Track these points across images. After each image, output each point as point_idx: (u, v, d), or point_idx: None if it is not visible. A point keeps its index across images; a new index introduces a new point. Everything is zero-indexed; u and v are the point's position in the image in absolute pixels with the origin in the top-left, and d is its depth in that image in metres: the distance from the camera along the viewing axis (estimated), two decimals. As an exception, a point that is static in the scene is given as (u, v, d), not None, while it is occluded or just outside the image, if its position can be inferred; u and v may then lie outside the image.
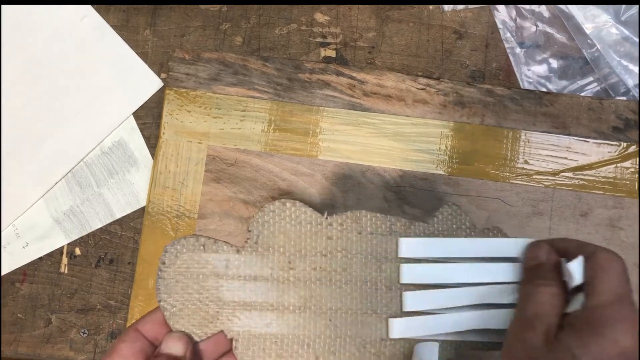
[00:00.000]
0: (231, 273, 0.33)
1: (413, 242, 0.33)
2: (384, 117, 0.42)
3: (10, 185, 0.44)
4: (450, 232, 0.34)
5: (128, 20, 0.45)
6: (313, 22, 0.45)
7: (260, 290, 0.33)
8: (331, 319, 0.33)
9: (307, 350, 0.32)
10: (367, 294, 0.33)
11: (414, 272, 0.33)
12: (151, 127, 0.44)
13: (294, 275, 0.33)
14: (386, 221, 0.34)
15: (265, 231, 0.33)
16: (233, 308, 0.33)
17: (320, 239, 0.33)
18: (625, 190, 0.42)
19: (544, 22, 0.44)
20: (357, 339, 0.33)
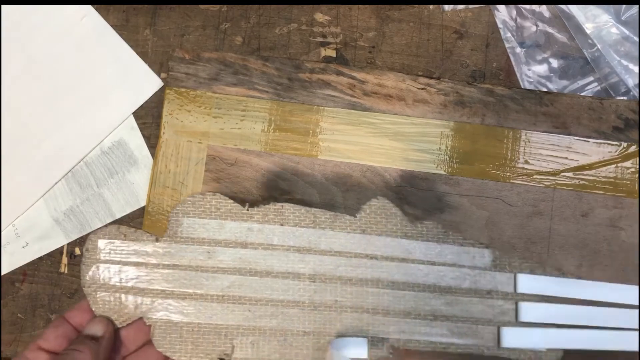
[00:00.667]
0: (150, 262, 0.33)
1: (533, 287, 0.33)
2: (384, 117, 0.42)
3: (10, 185, 0.44)
4: (380, 226, 0.33)
5: (128, 20, 0.45)
6: (313, 22, 0.45)
7: (178, 278, 0.33)
8: (250, 310, 0.33)
9: (224, 340, 0.33)
10: (289, 286, 0.33)
11: (533, 311, 0.32)
12: (151, 127, 0.44)
13: (213, 266, 0.33)
14: (310, 214, 0.33)
15: (185, 222, 0.33)
16: (153, 296, 0.33)
17: (241, 231, 0.33)
18: (625, 190, 0.42)
19: (545, 22, 0.44)
20: (277, 331, 0.32)
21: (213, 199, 0.34)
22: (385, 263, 0.33)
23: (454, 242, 0.33)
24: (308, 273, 0.33)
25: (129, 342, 0.34)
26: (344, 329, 0.32)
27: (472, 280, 0.33)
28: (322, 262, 0.33)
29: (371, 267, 0.33)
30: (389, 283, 0.33)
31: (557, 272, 0.36)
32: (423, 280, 0.33)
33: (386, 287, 0.33)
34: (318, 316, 0.33)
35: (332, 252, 0.33)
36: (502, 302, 0.32)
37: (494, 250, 0.33)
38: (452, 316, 0.32)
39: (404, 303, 0.32)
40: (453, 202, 0.42)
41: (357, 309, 0.32)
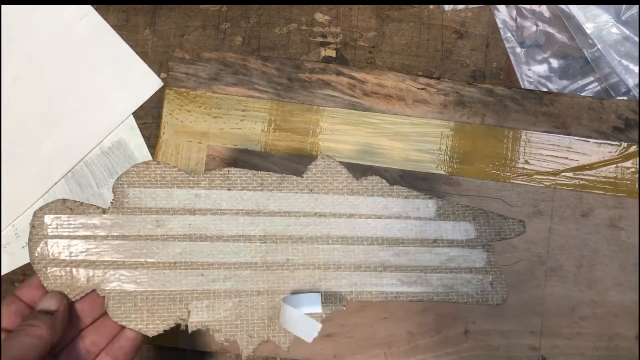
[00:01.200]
0: (99, 234, 0.33)
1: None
2: (384, 117, 0.42)
3: (10, 185, 0.44)
4: (326, 184, 0.33)
5: (128, 20, 0.45)
6: (313, 22, 0.45)
7: (129, 249, 0.33)
8: (203, 274, 0.33)
9: (179, 306, 0.33)
10: (241, 248, 0.33)
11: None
12: (151, 127, 0.44)
13: (162, 234, 0.33)
14: (257, 177, 0.33)
15: (130, 192, 0.33)
16: (104, 268, 0.33)
17: (189, 197, 0.33)
18: (625, 190, 0.42)
19: (545, 22, 0.44)
20: (232, 293, 0.33)
21: (157, 168, 0.33)
22: (334, 219, 0.33)
23: (398, 195, 0.34)
24: (259, 235, 0.33)
25: (84, 315, 0.34)
26: (297, 286, 0.33)
27: (418, 230, 0.33)
28: (272, 222, 0.33)
29: (320, 225, 0.33)
30: (338, 238, 0.33)
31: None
32: (371, 234, 0.33)
33: (336, 243, 0.33)
34: (271, 275, 0.33)
35: (281, 212, 0.33)
36: (448, 249, 0.33)
37: (438, 200, 0.34)
38: (401, 266, 0.33)
39: (354, 257, 0.33)
40: (453, 202, 0.42)
41: (309, 265, 0.33)
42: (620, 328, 0.41)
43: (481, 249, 0.34)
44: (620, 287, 0.41)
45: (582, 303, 0.41)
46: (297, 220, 0.33)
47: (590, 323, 0.41)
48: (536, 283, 0.41)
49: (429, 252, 0.33)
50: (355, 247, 0.33)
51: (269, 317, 0.33)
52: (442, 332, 0.41)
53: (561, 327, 0.41)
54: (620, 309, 0.41)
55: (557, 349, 0.41)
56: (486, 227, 0.34)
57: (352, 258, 0.33)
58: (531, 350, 0.41)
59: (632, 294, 0.41)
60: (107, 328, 0.34)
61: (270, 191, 0.34)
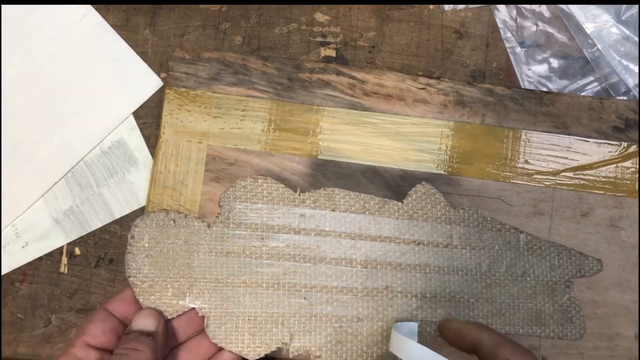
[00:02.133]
0: (202, 249, 0.32)
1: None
2: (384, 117, 0.42)
3: (10, 185, 0.44)
4: (425, 211, 0.34)
5: (128, 20, 0.45)
6: (313, 22, 0.45)
7: (232, 266, 0.32)
8: (306, 297, 0.32)
9: (281, 329, 0.32)
10: (342, 272, 0.33)
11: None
12: (151, 127, 0.44)
13: (267, 252, 0.32)
14: (359, 199, 0.34)
15: (237, 207, 0.33)
16: (205, 284, 0.32)
17: (294, 216, 0.33)
18: (625, 190, 0.42)
19: (545, 22, 0.44)
20: (332, 317, 0.32)
21: (264, 183, 0.33)
22: (432, 248, 0.33)
23: (492, 227, 0.34)
24: (360, 259, 0.33)
25: (180, 334, 0.32)
26: (396, 314, 0.32)
27: (509, 263, 0.34)
28: (373, 247, 0.33)
29: (419, 253, 0.33)
30: (435, 267, 0.33)
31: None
32: (466, 265, 0.33)
33: (432, 272, 0.33)
34: (370, 302, 0.33)
35: (382, 237, 0.33)
36: (534, 283, 0.33)
37: (527, 234, 0.34)
38: (491, 298, 0.33)
39: (449, 287, 0.33)
40: (453, 202, 0.42)
41: (407, 293, 0.33)
42: (620, 328, 0.41)
43: (564, 285, 0.34)
44: (620, 287, 0.41)
45: (582, 303, 0.41)
46: (396, 246, 0.33)
47: (590, 323, 0.41)
48: (536, 283, 0.41)
49: (517, 286, 0.34)
50: (451, 277, 0.33)
51: (367, 344, 0.32)
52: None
53: (561, 327, 0.41)
54: (620, 309, 0.41)
55: (557, 349, 0.41)
56: (568, 264, 0.34)
57: (447, 288, 0.33)
58: (531, 350, 0.41)
59: (632, 294, 0.41)
60: (203, 349, 0.32)
61: (372, 215, 0.34)
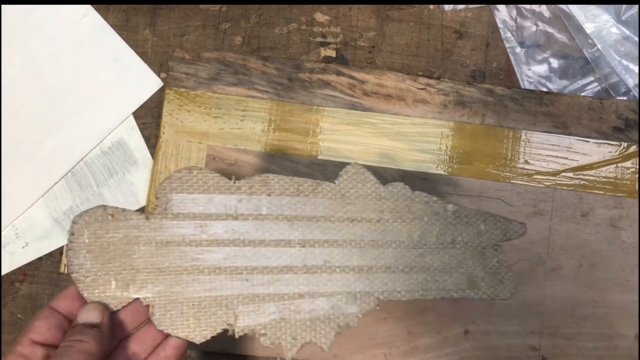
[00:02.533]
0: (142, 240, 0.33)
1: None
2: (384, 117, 0.42)
3: (10, 185, 0.44)
4: (356, 189, 0.35)
5: (128, 20, 0.45)
6: (313, 22, 0.45)
7: (173, 255, 0.33)
8: (247, 279, 0.34)
9: (225, 311, 0.33)
10: (282, 252, 0.34)
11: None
12: (151, 127, 0.44)
13: (206, 239, 0.33)
14: (293, 183, 0.35)
15: (174, 198, 0.33)
16: (147, 274, 0.33)
17: (230, 203, 0.34)
18: (625, 190, 0.42)
19: (545, 22, 0.44)
20: (275, 296, 0.34)
21: (200, 174, 0.34)
22: (365, 223, 0.35)
23: (420, 200, 0.36)
24: (297, 239, 0.34)
25: (125, 325, 0.33)
26: (335, 288, 0.34)
27: (438, 232, 0.36)
28: (310, 227, 0.34)
29: (353, 228, 0.35)
30: (370, 241, 0.35)
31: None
32: (398, 237, 0.35)
33: (367, 246, 0.35)
34: (311, 278, 0.34)
35: (317, 217, 0.35)
36: (464, 249, 0.36)
37: (454, 205, 0.36)
38: (425, 266, 0.35)
39: (384, 259, 0.35)
40: (453, 202, 0.42)
41: (345, 268, 0.34)
42: (620, 328, 0.41)
43: (492, 250, 0.36)
44: (620, 287, 0.41)
45: (582, 303, 0.41)
46: (332, 224, 0.35)
47: (590, 323, 0.41)
48: (536, 283, 0.41)
49: (447, 253, 0.35)
50: (385, 249, 0.35)
51: (310, 318, 0.34)
52: (442, 332, 0.41)
53: (561, 327, 0.41)
54: (620, 309, 0.41)
55: (557, 349, 0.41)
56: (494, 229, 0.36)
57: (382, 260, 0.35)
58: (531, 350, 0.41)
59: (632, 294, 0.41)
60: (151, 337, 0.33)
61: (306, 196, 0.35)
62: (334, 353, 0.41)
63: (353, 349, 0.41)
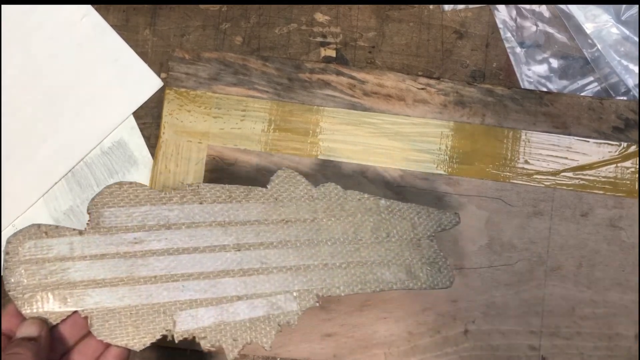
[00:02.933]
0: (77, 255, 0.34)
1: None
2: (384, 117, 0.42)
3: (10, 185, 0.44)
4: (289, 192, 0.36)
5: (128, 20, 0.45)
6: (313, 22, 0.45)
7: (108, 267, 0.34)
8: (184, 285, 0.34)
9: (164, 318, 0.34)
10: (217, 257, 0.35)
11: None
12: (151, 127, 0.44)
13: (140, 250, 0.34)
14: (225, 190, 0.35)
15: (105, 212, 0.34)
16: (84, 287, 0.33)
17: (162, 213, 0.35)
18: (625, 190, 0.42)
19: (545, 22, 0.44)
20: (212, 300, 0.34)
21: (130, 187, 0.35)
22: (299, 224, 0.36)
23: (352, 198, 0.36)
24: (232, 243, 0.35)
25: (66, 339, 0.33)
26: (273, 288, 0.35)
27: (372, 227, 0.36)
28: (244, 231, 0.35)
29: (288, 229, 0.36)
30: (305, 241, 0.36)
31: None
32: (333, 234, 0.36)
33: (303, 245, 0.36)
34: (248, 280, 0.35)
35: (251, 221, 0.35)
36: (399, 242, 0.36)
37: (386, 200, 0.36)
38: (362, 261, 0.36)
39: (321, 256, 0.36)
40: (453, 202, 0.42)
41: (282, 268, 0.35)
42: (620, 328, 0.41)
43: (428, 240, 0.36)
44: (620, 287, 0.41)
45: (582, 303, 0.41)
46: (266, 227, 0.35)
47: (590, 323, 0.41)
48: (536, 283, 0.41)
49: (383, 247, 0.36)
50: (321, 247, 0.36)
51: (250, 319, 0.34)
52: (442, 332, 0.41)
53: (561, 327, 0.41)
54: (620, 309, 0.41)
55: (557, 349, 0.41)
56: (428, 220, 0.36)
57: (319, 257, 0.36)
58: (531, 350, 0.41)
59: (632, 294, 0.41)
60: (91, 348, 0.34)
61: (239, 202, 0.35)
62: (334, 353, 0.41)
63: (353, 349, 0.41)
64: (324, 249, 0.36)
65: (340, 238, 0.36)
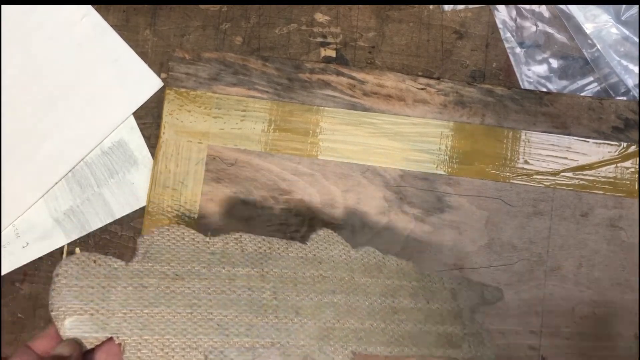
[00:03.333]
0: (120, 283, 0.35)
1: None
2: (384, 117, 0.42)
3: (10, 185, 0.44)
4: (327, 251, 0.37)
5: (128, 20, 0.45)
6: (313, 22, 0.45)
7: (148, 298, 0.35)
8: (219, 324, 0.35)
9: (195, 354, 0.35)
10: (254, 301, 0.35)
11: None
12: (151, 127, 0.44)
13: (180, 286, 0.35)
14: (265, 242, 0.36)
15: (152, 249, 0.36)
16: (122, 315, 0.35)
17: (204, 254, 0.36)
18: (625, 190, 0.42)
19: (544, 22, 0.44)
20: (246, 342, 0.35)
21: (178, 230, 0.36)
22: (336, 281, 0.37)
23: (391, 264, 0.37)
24: (270, 291, 0.36)
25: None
26: (309, 339, 0.35)
27: (411, 293, 0.37)
28: (282, 281, 0.36)
29: (325, 284, 0.36)
30: (342, 297, 0.36)
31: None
32: (369, 294, 0.37)
33: (340, 301, 0.36)
34: (283, 328, 0.35)
35: (290, 272, 0.36)
36: (440, 309, 0.37)
37: (416, 265, 0.38)
38: (400, 325, 0.36)
39: (358, 313, 0.36)
40: (453, 202, 0.42)
41: (317, 320, 0.36)
42: (620, 328, 0.41)
43: (469, 312, 0.37)
44: (620, 287, 0.41)
45: (582, 303, 0.41)
46: (304, 279, 0.36)
47: (590, 323, 0.41)
48: (536, 283, 0.41)
49: (423, 313, 0.37)
50: (359, 304, 0.36)
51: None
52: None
53: (561, 327, 0.41)
54: (620, 308, 0.41)
55: (557, 349, 0.41)
56: (469, 291, 0.38)
57: (356, 315, 0.36)
58: (531, 350, 0.41)
59: (632, 294, 0.41)
60: None
61: (278, 253, 0.36)
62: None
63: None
64: (362, 308, 0.36)
65: (378, 300, 0.36)
